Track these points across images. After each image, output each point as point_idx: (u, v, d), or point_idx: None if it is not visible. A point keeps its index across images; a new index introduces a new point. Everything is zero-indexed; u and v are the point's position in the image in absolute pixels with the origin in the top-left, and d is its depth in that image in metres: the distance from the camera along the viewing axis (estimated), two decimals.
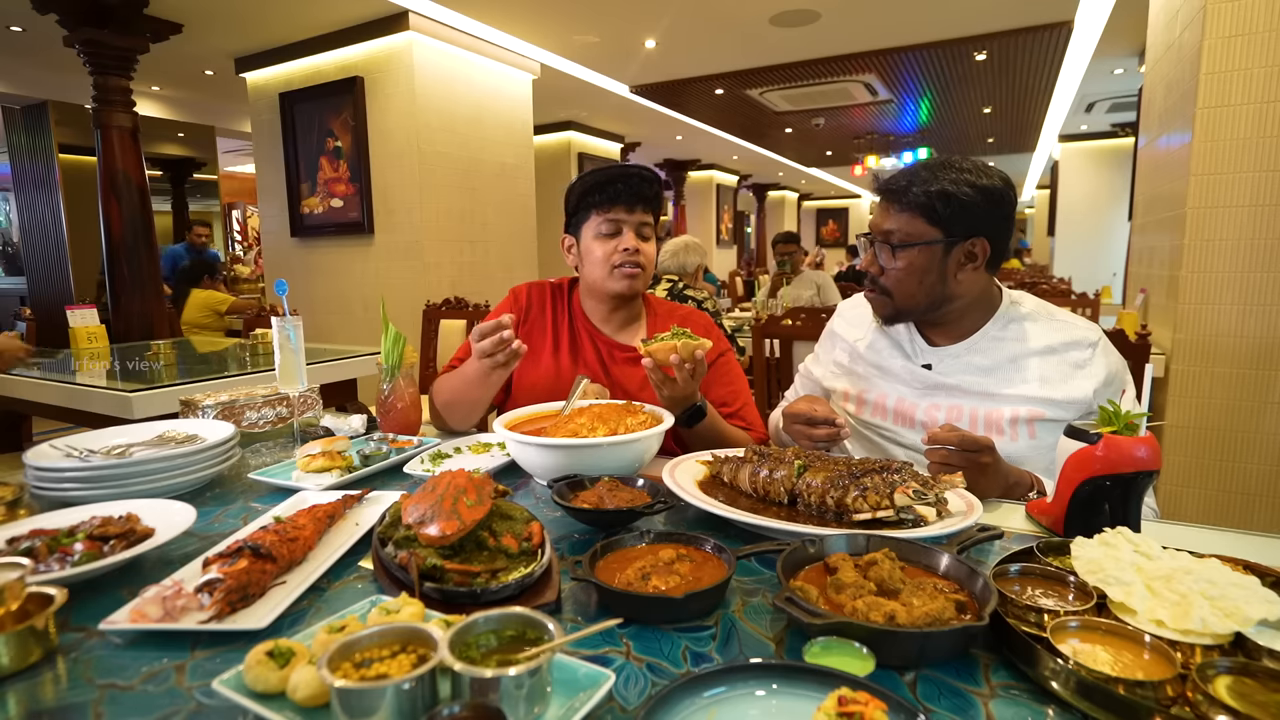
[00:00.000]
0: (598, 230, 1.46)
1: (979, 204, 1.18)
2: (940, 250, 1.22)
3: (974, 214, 1.19)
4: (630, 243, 1.44)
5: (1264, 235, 2.27)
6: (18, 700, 0.61)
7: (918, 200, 1.20)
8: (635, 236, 1.45)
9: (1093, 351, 1.23)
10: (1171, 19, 2.78)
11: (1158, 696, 0.55)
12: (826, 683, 0.56)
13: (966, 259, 1.22)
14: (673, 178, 11.85)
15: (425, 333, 3.85)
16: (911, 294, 1.25)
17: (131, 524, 0.87)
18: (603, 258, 1.45)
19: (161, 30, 4.55)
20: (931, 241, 1.21)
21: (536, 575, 0.77)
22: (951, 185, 1.18)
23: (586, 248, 1.48)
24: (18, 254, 7.58)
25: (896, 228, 1.23)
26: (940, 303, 1.26)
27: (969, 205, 1.18)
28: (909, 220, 1.22)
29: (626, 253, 1.44)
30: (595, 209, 1.46)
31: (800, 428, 1.22)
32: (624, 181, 1.44)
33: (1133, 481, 0.87)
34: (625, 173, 1.45)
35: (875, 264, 1.27)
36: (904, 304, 1.27)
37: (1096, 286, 5.04)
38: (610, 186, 1.44)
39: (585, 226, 1.48)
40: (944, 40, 5.64)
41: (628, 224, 1.45)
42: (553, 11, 4.85)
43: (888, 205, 1.25)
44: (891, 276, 1.25)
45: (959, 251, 1.22)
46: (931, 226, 1.20)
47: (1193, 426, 2.43)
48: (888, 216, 1.25)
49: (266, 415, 1.52)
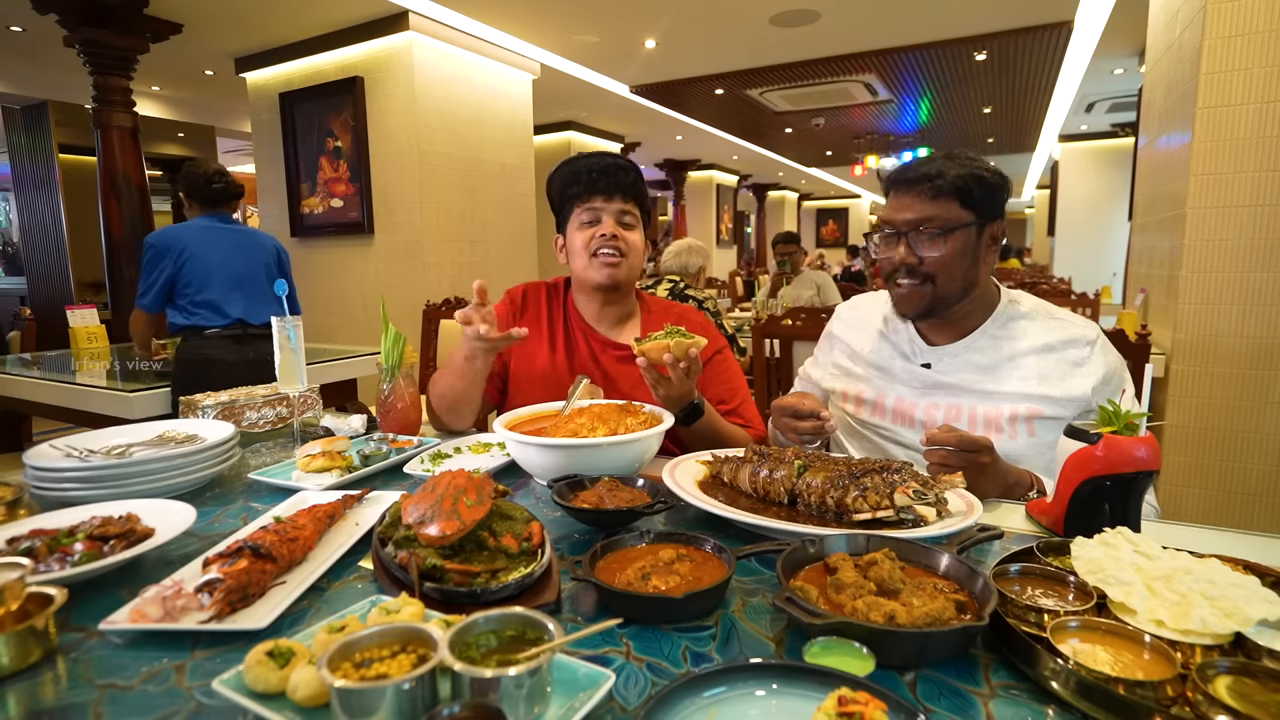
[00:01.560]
0: (579, 221, 1.46)
1: (998, 187, 1.23)
2: (974, 233, 1.24)
3: (996, 197, 1.24)
4: (608, 229, 1.43)
5: (1264, 235, 2.27)
6: (18, 700, 0.61)
7: (952, 185, 1.21)
8: (615, 223, 1.44)
9: (1091, 349, 1.24)
10: (1171, 19, 2.78)
11: (1158, 696, 0.55)
12: (826, 683, 0.56)
13: (992, 241, 1.26)
14: (673, 178, 11.84)
15: (425, 333, 3.85)
16: (954, 278, 1.25)
17: (131, 524, 0.87)
18: (582, 246, 1.45)
19: (161, 30, 4.55)
20: (969, 224, 1.23)
21: (536, 575, 0.77)
22: (976, 170, 1.22)
23: (570, 240, 1.49)
24: (18, 254, 7.57)
25: (935, 214, 1.23)
26: (969, 288, 1.27)
27: (994, 188, 1.23)
28: (946, 206, 1.22)
29: (604, 239, 1.43)
30: (576, 201, 1.46)
31: (787, 420, 1.22)
32: (600, 171, 1.44)
33: (1133, 481, 0.87)
34: (601, 162, 1.45)
35: (912, 255, 1.25)
36: (945, 289, 1.25)
37: (1096, 286, 5.04)
38: (587, 175, 1.44)
39: (570, 221, 1.49)
40: (944, 40, 5.65)
41: (606, 211, 1.45)
42: (553, 11, 4.85)
43: (917, 194, 1.24)
44: (935, 263, 1.24)
45: (987, 235, 1.25)
46: (966, 210, 1.22)
47: (1193, 426, 2.43)
48: (920, 204, 1.24)
49: (266, 415, 1.52)
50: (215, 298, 2.77)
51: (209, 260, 2.77)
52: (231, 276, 2.80)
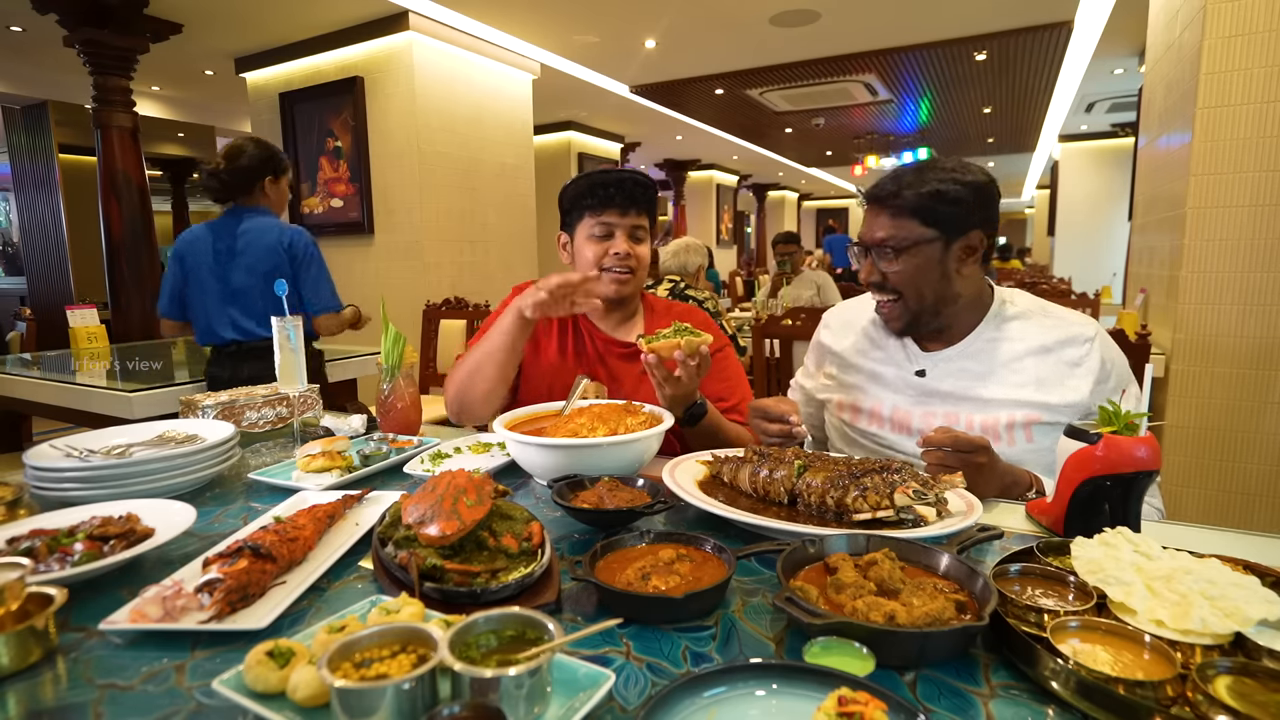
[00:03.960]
0: (590, 232, 1.46)
1: (969, 199, 1.21)
2: (940, 248, 1.23)
3: (966, 209, 1.21)
4: (621, 246, 1.45)
5: (1264, 235, 2.27)
6: (18, 700, 0.61)
7: (910, 203, 1.21)
8: (628, 239, 1.46)
9: (1089, 346, 1.23)
10: (1171, 19, 2.78)
11: (1158, 696, 0.55)
12: (826, 683, 0.56)
13: (966, 253, 1.24)
14: (673, 178, 11.84)
15: (425, 333, 3.86)
16: (920, 294, 1.25)
17: (131, 524, 0.87)
18: (593, 261, 1.46)
19: (161, 30, 4.55)
20: (929, 240, 1.22)
21: (536, 575, 0.77)
22: (940, 184, 1.20)
23: (579, 248, 1.49)
24: (18, 254, 7.58)
25: (894, 233, 1.23)
26: (947, 300, 1.26)
27: (960, 201, 1.20)
28: (903, 225, 1.22)
29: (616, 257, 1.45)
30: (589, 211, 1.46)
31: (758, 421, 1.23)
32: (618, 186, 1.44)
33: (1133, 481, 0.87)
34: (619, 177, 1.46)
35: (875, 272, 1.27)
36: (915, 304, 1.26)
37: (1096, 286, 5.04)
38: (604, 190, 1.44)
39: (579, 227, 1.49)
40: (944, 40, 5.64)
41: (620, 227, 1.46)
42: (553, 11, 4.84)
43: (878, 212, 1.26)
44: (898, 279, 1.25)
45: (958, 248, 1.23)
46: (927, 227, 1.22)
47: (1193, 426, 2.43)
48: (880, 225, 1.25)
49: (266, 415, 1.52)
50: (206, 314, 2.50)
51: (199, 273, 2.49)
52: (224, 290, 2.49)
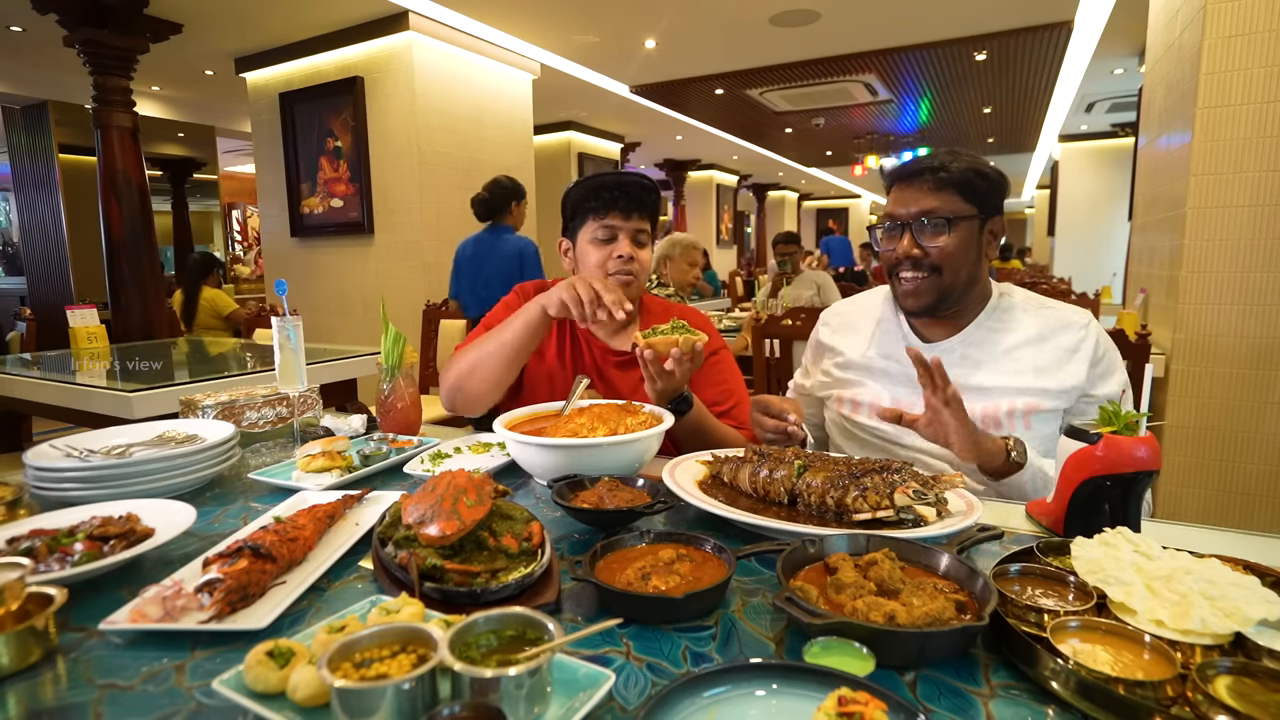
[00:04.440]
0: (593, 236, 1.46)
1: (999, 182, 1.26)
2: (977, 226, 1.26)
3: (997, 192, 1.26)
4: (624, 249, 1.44)
5: (1264, 235, 2.27)
6: (18, 700, 0.61)
7: (955, 179, 1.24)
8: (630, 243, 1.46)
9: (1084, 332, 1.27)
10: (1171, 19, 2.78)
11: (1158, 696, 0.55)
12: (826, 683, 0.56)
13: (992, 237, 1.28)
14: (673, 178, 11.84)
15: (425, 333, 3.86)
16: (958, 270, 1.27)
17: (131, 524, 0.87)
18: (596, 264, 1.46)
19: (161, 30, 4.54)
20: (971, 217, 1.25)
21: (536, 575, 0.77)
22: (978, 165, 1.24)
23: (582, 252, 1.49)
24: (18, 254, 7.58)
25: (939, 205, 1.24)
26: (973, 281, 1.29)
27: (994, 184, 1.25)
28: (949, 198, 1.24)
29: (620, 260, 1.44)
30: (592, 214, 1.46)
31: (758, 415, 1.24)
32: (621, 189, 1.44)
33: (1133, 481, 0.87)
34: (624, 180, 1.46)
35: (916, 246, 1.27)
36: (951, 280, 1.27)
37: (1096, 286, 5.04)
38: (607, 193, 1.44)
39: (581, 231, 1.49)
40: (944, 40, 5.64)
41: (623, 230, 1.45)
42: (553, 11, 4.84)
43: (920, 187, 1.26)
44: (940, 254, 1.25)
45: (987, 230, 1.27)
46: (968, 204, 1.24)
47: (1193, 426, 2.43)
48: (923, 197, 1.26)
49: (266, 415, 1.52)
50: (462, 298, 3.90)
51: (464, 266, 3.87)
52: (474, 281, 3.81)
